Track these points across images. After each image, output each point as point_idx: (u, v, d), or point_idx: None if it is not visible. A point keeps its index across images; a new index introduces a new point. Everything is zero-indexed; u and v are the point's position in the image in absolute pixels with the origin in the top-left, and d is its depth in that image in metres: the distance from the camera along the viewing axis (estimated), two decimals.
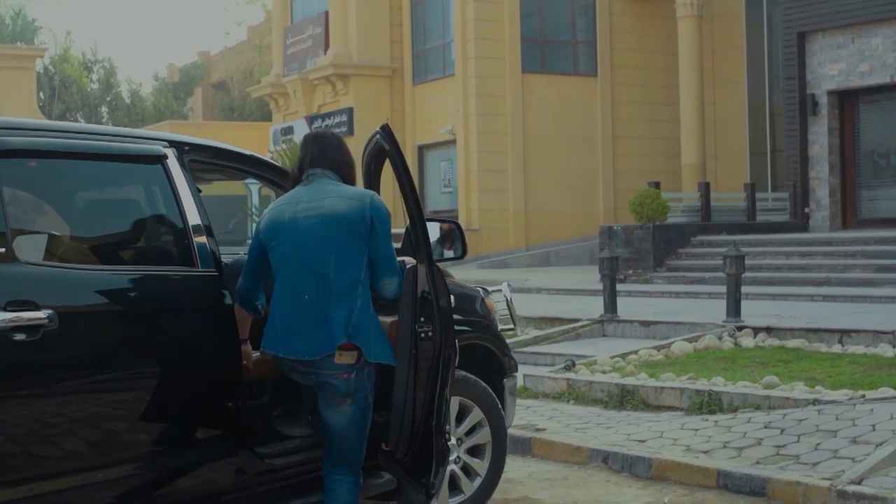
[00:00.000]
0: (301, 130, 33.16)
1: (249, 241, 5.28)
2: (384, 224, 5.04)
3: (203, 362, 5.02)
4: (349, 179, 5.23)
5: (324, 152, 5.20)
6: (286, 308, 4.99)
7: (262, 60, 48.90)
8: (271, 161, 6.07)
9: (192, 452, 4.94)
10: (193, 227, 5.11)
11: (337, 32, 32.72)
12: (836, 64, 23.86)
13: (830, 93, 24.09)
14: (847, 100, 24.27)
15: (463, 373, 6.31)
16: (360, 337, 4.91)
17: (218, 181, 6.80)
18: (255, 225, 5.23)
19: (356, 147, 5.43)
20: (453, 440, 6.27)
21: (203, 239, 5.13)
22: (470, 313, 6.53)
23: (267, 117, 41.55)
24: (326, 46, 33.41)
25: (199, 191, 5.34)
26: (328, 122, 32.81)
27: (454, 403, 6.24)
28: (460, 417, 6.34)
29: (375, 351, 4.99)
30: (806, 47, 24.39)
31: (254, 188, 29.09)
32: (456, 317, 6.25)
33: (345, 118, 32.06)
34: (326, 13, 33.53)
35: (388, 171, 5.43)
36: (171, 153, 5.18)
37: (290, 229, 5.01)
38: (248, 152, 5.82)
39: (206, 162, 5.61)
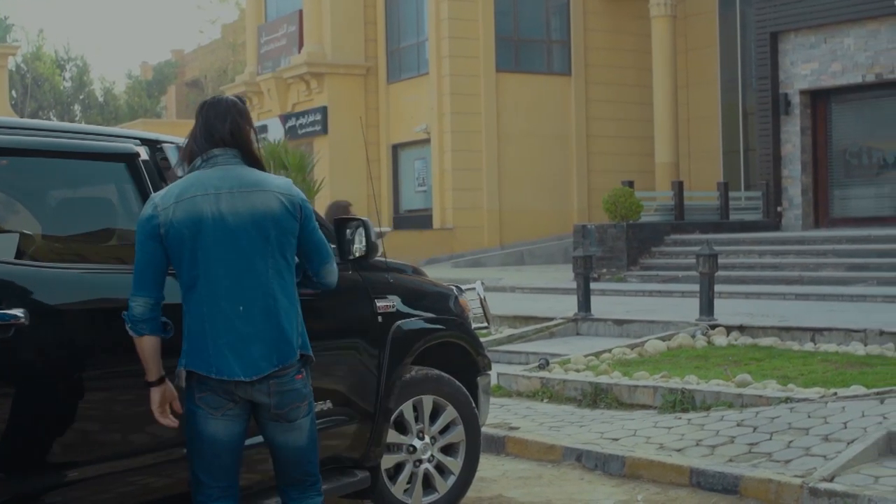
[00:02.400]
0: (275, 129, 33.13)
1: None
2: (311, 215, 4.55)
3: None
4: (255, 158, 4.55)
5: (228, 127, 4.48)
6: (219, 321, 4.35)
7: (236, 59, 48.87)
8: None
9: (162, 452, 4.92)
10: None
11: (311, 31, 32.67)
12: (808, 63, 24.01)
13: (803, 92, 24.23)
14: (819, 99, 24.41)
15: (436, 371, 6.33)
16: (305, 344, 4.53)
17: None
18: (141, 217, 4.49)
19: (331, 147, 5.38)
20: (427, 439, 6.28)
21: None
22: (443, 311, 6.53)
23: None
24: (300, 45, 33.37)
25: None
26: (302, 120, 32.78)
27: (428, 402, 6.26)
28: (434, 416, 6.33)
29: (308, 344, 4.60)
30: (779, 47, 24.52)
31: None
32: (429, 315, 6.31)
33: (319, 117, 32.01)
34: (300, 11, 33.49)
35: (354, 169, 5.35)
36: (143, 151, 5.16)
37: (216, 227, 4.35)
38: None
39: None
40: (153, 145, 5.27)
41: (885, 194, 23.71)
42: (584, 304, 14.31)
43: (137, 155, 5.12)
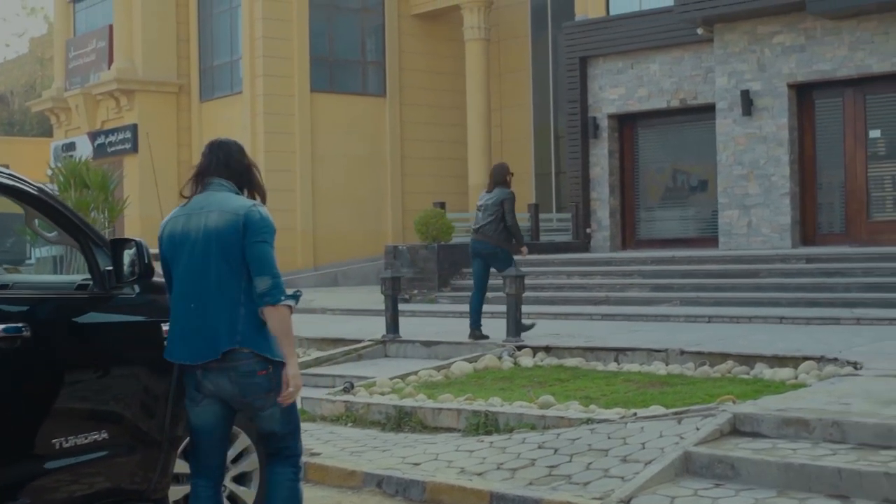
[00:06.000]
0: (83, 146, 32.20)
1: (28, 261, 5.06)
2: (256, 231, 5.21)
3: None
4: (248, 185, 5.53)
5: (222, 159, 5.45)
6: (177, 315, 5.30)
7: (45, 73, 47.53)
8: (24, 180, 5.69)
9: None
10: None
11: (121, 46, 31.92)
12: (616, 88, 24.54)
13: (611, 116, 24.74)
14: (626, 123, 24.96)
15: None
16: (251, 342, 5.17)
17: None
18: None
19: (141, 166, 5.27)
20: None
21: None
22: None
23: (48, 133, 40.28)
24: (110, 61, 32.55)
25: None
26: (112, 138, 31.95)
27: None
28: None
29: (273, 350, 5.21)
30: (588, 72, 25.00)
31: None
32: None
33: (129, 135, 31.25)
34: (111, 26, 32.69)
35: (166, 189, 5.22)
36: None
37: (184, 240, 5.29)
38: None
39: None
40: None
41: (690, 217, 24.34)
42: (393, 326, 14.21)
43: None
